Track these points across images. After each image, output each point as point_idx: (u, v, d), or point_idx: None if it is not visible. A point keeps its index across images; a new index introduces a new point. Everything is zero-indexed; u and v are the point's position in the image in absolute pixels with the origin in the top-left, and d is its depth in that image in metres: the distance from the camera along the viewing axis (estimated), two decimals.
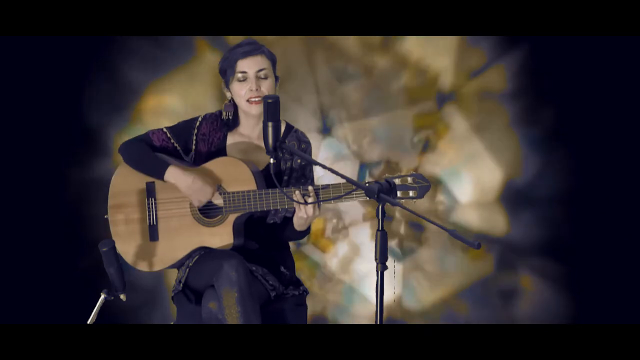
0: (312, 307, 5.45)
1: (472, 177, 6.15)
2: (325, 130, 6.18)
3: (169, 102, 6.10)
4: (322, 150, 6.15)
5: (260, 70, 4.41)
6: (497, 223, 6.15)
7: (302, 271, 6.13)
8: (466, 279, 6.19)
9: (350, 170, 6.12)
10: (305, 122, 6.10)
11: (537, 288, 6.12)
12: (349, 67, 6.14)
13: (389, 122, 6.17)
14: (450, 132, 6.15)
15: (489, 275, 6.17)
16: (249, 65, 4.40)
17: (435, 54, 6.11)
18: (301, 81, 6.15)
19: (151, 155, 4.43)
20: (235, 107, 4.48)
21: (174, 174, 4.38)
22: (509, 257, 6.15)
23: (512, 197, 6.13)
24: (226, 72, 4.44)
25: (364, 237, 6.20)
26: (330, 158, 6.14)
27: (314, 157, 4.57)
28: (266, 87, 4.40)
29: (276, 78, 4.46)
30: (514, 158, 6.11)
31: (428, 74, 6.13)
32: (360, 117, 6.17)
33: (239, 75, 4.41)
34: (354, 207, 6.19)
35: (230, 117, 4.48)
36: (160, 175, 4.40)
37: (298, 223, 4.37)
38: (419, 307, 6.20)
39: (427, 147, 6.15)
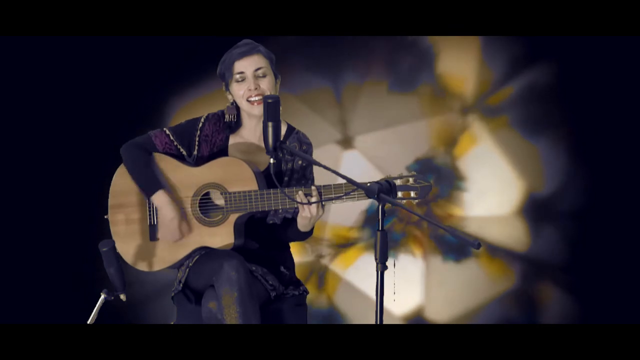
0: None
1: (493, 190, 6.12)
2: (346, 143, 6.16)
3: None
4: (343, 163, 6.13)
5: (258, 69, 4.41)
6: (518, 237, 6.13)
7: None
8: (488, 294, 6.17)
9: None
10: (326, 134, 6.09)
11: (559, 302, 6.09)
12: (371, 76, 6.12)
13: (410, 134, 6.14)
14: (473, 145, 6.13)
15: (510, 289, 6.14)
16: (245, 66, 4.40)
17: (458, 64, 6.10)
18: (321, 91, 6.14)
19: (149, 169, 4.42)
20: (237, 109, 4.48)
21: (161, 200, 4.38)
22: (530, 271, 6.12)
23: (534, 211, 6.12)
24: (225, 74, 4.44)
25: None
26: (352, 170, 6.06)
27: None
28: (265, 85, 4.40)
29: (276, 76, 4.46)
30: (536, 171, 6.09)
31: (451, 86, 6.12)
32: (382, 128, 6.15)
33: (237, 76, 4.41)
34: None
35: (234, 120, 4.48)
36: (148, 194, 4.40)
37: (302, 223, 4.36)
38: (440, 322, 6.18)
39: (449, 159, 6.13)
